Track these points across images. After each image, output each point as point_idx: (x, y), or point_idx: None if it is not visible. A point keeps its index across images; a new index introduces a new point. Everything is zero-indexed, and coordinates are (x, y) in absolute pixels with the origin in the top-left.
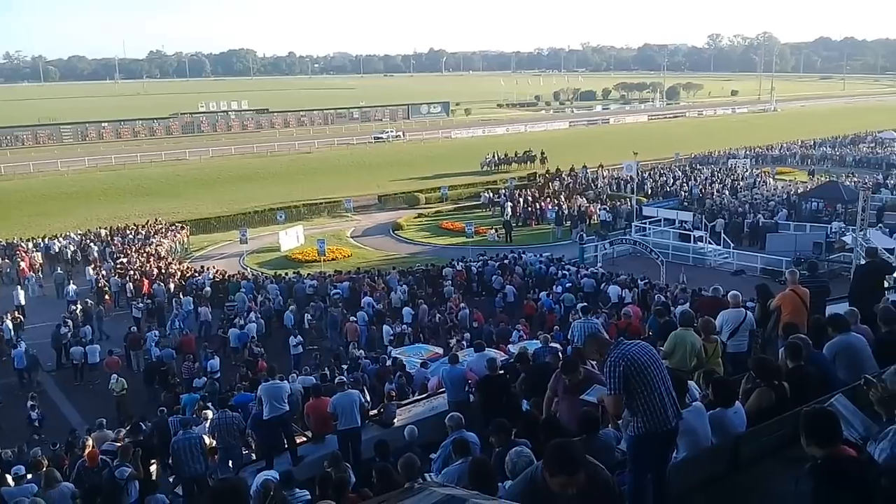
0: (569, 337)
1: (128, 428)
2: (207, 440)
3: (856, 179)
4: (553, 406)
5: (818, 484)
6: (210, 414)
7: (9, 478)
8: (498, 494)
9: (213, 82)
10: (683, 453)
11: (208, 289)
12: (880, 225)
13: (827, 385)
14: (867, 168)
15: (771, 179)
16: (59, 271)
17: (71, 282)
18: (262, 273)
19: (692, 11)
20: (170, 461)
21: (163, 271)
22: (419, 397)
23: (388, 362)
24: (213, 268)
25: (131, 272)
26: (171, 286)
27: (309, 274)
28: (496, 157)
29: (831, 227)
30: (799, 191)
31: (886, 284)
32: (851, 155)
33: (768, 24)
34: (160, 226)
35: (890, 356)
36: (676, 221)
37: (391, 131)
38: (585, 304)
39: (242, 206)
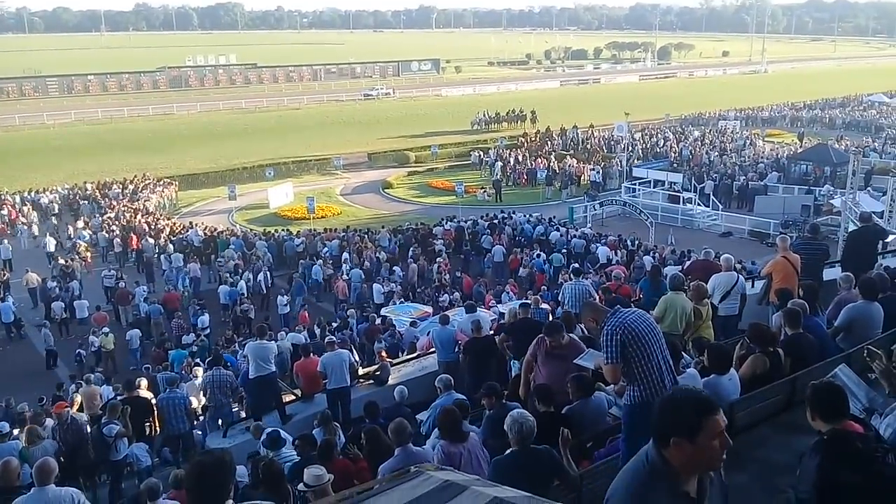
0: (559, 298)
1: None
2: (196, 401)
3: (846, 142)
4: (532, 372)
5: (823, 460)
6: (200, 371)
7: None
8: (467, 444)
9: (200, 35)
10: None
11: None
12: (869, 188)
13: (824, 352)
14: (856, 131)
15: (761, 141)
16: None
17: (48, 236)
18: (252, 230)
19: None
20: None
21: (151, 227)
22: (409, 357)
23: (378, 321)
24: (202, 224)
25: (117, 228)
26: (160, 242)
27: (298, 231)
28: (486, 116)
29: (820, 190)
30: (788, 153)
31: (879, 249)
32: (841, 118)
33: None
34: (148, 181)
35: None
36: (666, 183)
37: (381, 88)
38: (576, 265)
39: (231, 161)
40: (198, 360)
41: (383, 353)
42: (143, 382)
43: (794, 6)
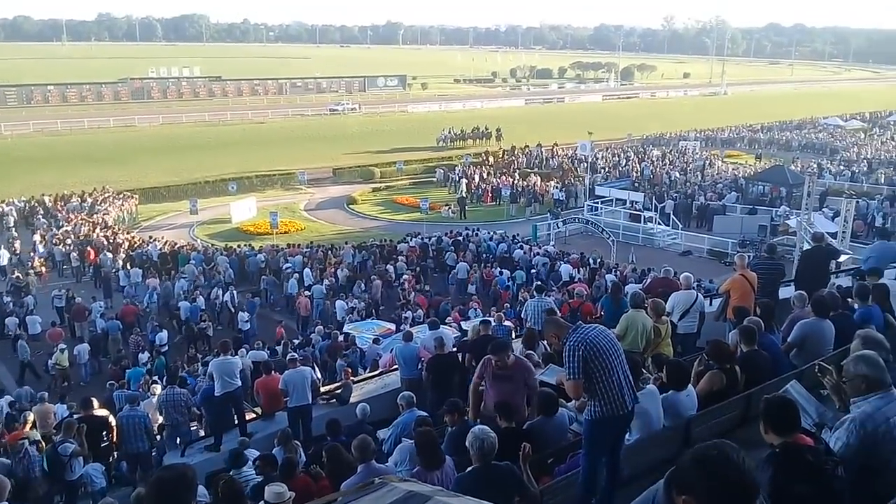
0: (522, 315)
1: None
2: (155, 417)
3: (802, 164)
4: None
5: (775, 472)
6: (158, 389)
7: None
8: (443, 468)
9: (164, 47)
10: (637, 435)
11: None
12: (824, 209)
13: (777, 369)
14: (812, 153)
15: (720, 162)
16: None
17: (2, 248)
18: (213, 245)
19: None
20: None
21: (109, 241)
22: (371, 374)
23: (340, 338)
24: (163, 238)
25: (73, 242)
26: (119, 256)
27: (261, 247)
28: (452, 133)
29: (776, 211)
30: (746, 174)
31: (832, 269)
32: (797, 140)
33: (721, 9)
34: (107, 194)
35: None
36: (628, 202)
37: (347, 103)
38: (539, 282)
39: (193, 175)
40: (155, 378)
41: (348, 371)
42: (95, 402)
43: (753, 30)
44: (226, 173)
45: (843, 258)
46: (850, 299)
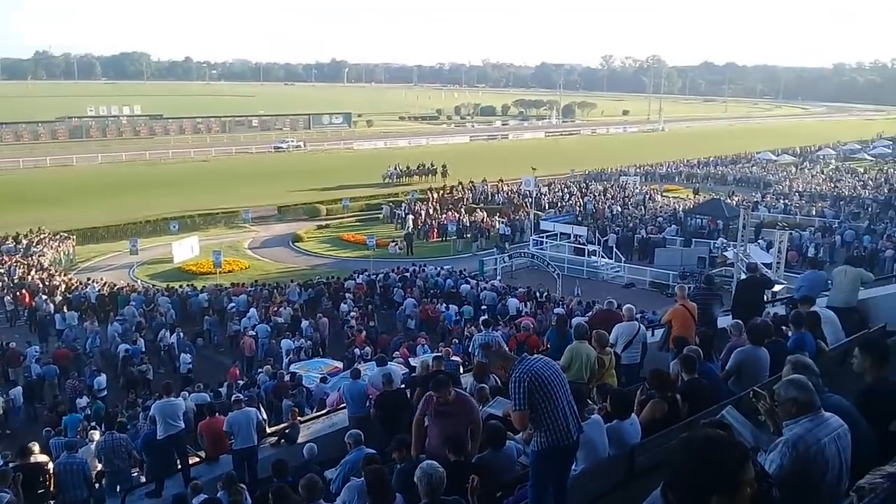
0: (470, 350)
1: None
2: (94, 464)
3: (736, 197)
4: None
5: None
6: (97, 435)
7: None
8: None
9: (103, 85)
10: (582, 465)
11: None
12: (759, 240)
13: (717, 396)
14: (746, 186)
15: (659, 196)
16: None
17: None
18: (154, 286)
19: (586, 33)
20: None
21: (45, 283)
22: (319, 413)
23: (287, 377)
24: (101, 280)
25: (5, 285)
26: (55, 299)
27: (203, 287)
28: (398, 170)
29: (715, 243)
30: (685, 207)
31: (766, 298)
32: (732, 174)
33: (657, 48)
34: (43, 235)
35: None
36: (572, 236)
37: (292, 141)
38: (486, 317)
39: (133, 215)
40: (94, 424)
41: (295, 411)
42: (36, 447)
43: (688, 69)
44: (167, 212)
45: (777, 288)
46: (784, 327)
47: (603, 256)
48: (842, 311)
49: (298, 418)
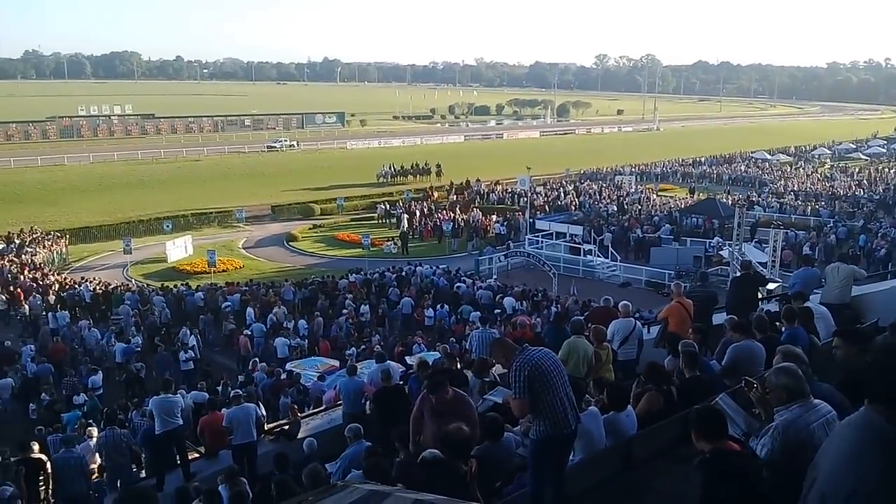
0: (467, 347)
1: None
2: (93, 461)
3: (731, 197)
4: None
5: (706, 476)
6: (95, 431)
7: None
8: None
9: (93, 85)
10: (580, 456)
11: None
12: (755, 240)
13: (714, 390)
14: (741, 186)
15: (654, 196)
16: None
17: None
18: (148, 285)
19: (581, 33)
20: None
21: (38, 283)
22: (318, 409)
23: (283, 376)
24: (95, 279)
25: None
26: (49, 298)
27: (198, 286)
28: (392, 169)
29: (710, 242)
30: (680, 207)
31: (760, 295)
32: (727, 173)
33: (651, 48)
34: (36, 234)
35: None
36: (567, 235)
37: (285, 140)
38: (482, 315)
39: (126, 214)
40: (90, 421)
41: (294, 407)
42: (36, 445)
43: (683, 68)
44: (160, 211)
45: (772, 286)
46: (778, 323)
47: (599, 255)
48: (835, 307)
49: (298, 414)
